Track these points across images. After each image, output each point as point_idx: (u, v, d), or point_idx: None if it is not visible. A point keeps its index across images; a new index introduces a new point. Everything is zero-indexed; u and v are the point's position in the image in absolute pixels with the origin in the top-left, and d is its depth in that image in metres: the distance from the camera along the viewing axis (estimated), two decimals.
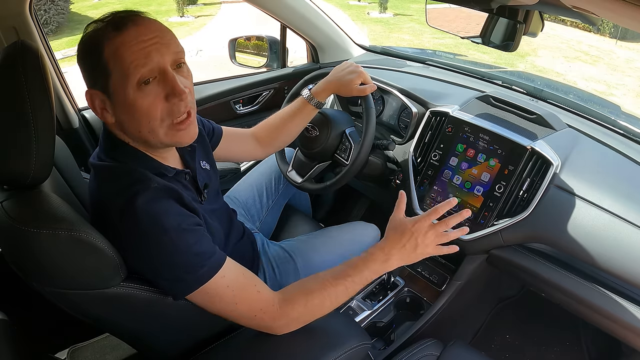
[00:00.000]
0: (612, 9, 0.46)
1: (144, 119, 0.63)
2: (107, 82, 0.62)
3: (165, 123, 0.64)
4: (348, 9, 10.12)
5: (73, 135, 1.25)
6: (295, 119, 1.05)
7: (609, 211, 0.87)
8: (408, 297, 1.24)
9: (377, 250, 0.75)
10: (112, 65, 0.60)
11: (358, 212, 1.74)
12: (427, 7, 1.11)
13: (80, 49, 0.64)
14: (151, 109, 0.62)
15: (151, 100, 0.62)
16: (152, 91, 0.62)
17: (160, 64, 0.61)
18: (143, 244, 0.62)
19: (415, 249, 0.74)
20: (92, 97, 0.64)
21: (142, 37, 0.60)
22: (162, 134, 0.65)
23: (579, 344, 1.31)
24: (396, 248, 0.74)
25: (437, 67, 1.51)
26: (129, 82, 0.60)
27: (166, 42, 0.63)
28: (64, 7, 8.39)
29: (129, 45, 0.60)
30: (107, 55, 0.60)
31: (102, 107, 0.65)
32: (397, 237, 0.75)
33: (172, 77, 0.62)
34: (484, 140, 1.03)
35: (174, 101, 0.63)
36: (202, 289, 0.64)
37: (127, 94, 0.61)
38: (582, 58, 7.65)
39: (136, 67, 0.60)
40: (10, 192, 0.62)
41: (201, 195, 0.78)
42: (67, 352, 1.12)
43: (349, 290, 0.73)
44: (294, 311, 0.70)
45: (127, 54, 0.60)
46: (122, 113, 0.64)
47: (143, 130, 0.64)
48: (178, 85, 0.62)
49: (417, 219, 0.75)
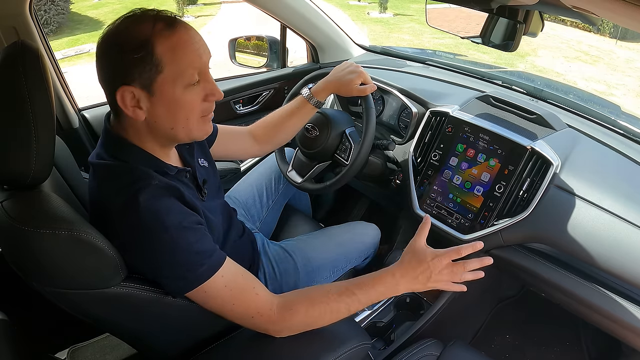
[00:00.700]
0: (612, 9, 0.46)
1: (183, 116, 0.66)
2: (153, 78, 0.61)
3: (198, 118, 0.68)
4: (348, 9, 10.12)
5: (73, 135, 1.25)
6: (294, 118, 1.05)
7: (609, 211, 0.87)
8: (408, 297, 1.24)
9: (388, 274, 0.74)
10: (166, 62, 0.61)
11: (358, 212, 1.74)
12: (427, 7, 1.11)
13: (117, 42, 0.61)
14: (193, 107, 0.66)
15: (194, 98, 0.65)
16: (196, 91, 0.65)
17: (205, 67, 0.66)
18: (144, 241, 0.62)
19: (427, 281, 0.73)
20: (124, 93, 0.62)
21: (193, 39, 0.64)
22: (195, 128, 0.68)
23: (579, 344, 1.31)
24: (408, 276, 0.73)
25: (437, 67, 1.51)
26: (181, 82, 0.63)
27: (206, 45, 0.66)
28: (64, 7, 8.40)
29: (185, 45, 0.62)
30: (160, 51, 0.60)
31: (134, 105, 0.63)
32: (413, 267, 0.73)
33: (212, 80, 0.67)
34: (484, 140, 1.03)
35: (211, 100, 0.68)
36: (201, 288, 0.64)
37: (175, 92, 0.63)
38: (582, 58, 7.65)
39: (193, 68, 0.63)
40: (10, 192, 0.62)
41: (201, 192, 0.78)
42: (67, 352, 1.12)
43: (351, 308, 0.73)
44: (292, 319, 0.70)
45: (184, 53, 0.62)
46: (161, 109, 0.64)
47: (177, 126, 0.66)
48: (217, 87, 0.67)
49: (437, 253, 0.73)
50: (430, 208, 1.10)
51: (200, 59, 0.64)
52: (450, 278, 0.74)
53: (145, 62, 0.60)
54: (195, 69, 0.63)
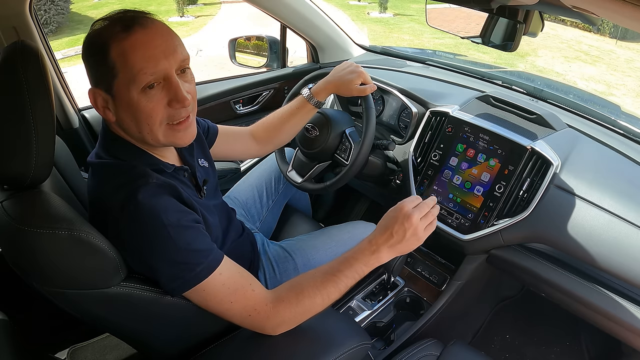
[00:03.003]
0: (612, 9, 0.46)
1: (144, 121, 0.64)
2: (111, 82, 0.62)
3: (163, 125, 0.65)
4: (348, 9, 10.12)
5: (73, 135, 1.25)
6: (294, 118, 1.05)
7: (608, 211, 0.87)
8: (408, 297, 1.24)
9: (365, 242, 0.74)
10: (118, 67, 0.60)
11: (358, 212, 1.74)
12: (427, 7, 1.11)
13: (85, 46, 0.63)
14: (153, 113, 0.63)
15: (154, 104, 0.63)
16: (155, 96, 0.63)
17: (167, 71, 0.62)
18: (142, 240, 0.62)
19: (404, 236, 0.72)
20: (94, 95, 0.64)
21: (150, 42, 0.61)
22: (160, 135, 0.66)
23: (579, 344, 1.31)
24: (383, 237, 0.72)
25: (437, 67, 1.51)
26: (135, 86, 0.61)
27: (173, 48, 0.63)
28: (64, 7, 8.39)
29: (137, 49, 0.60)
30: (113, 56, 0.60)
31: (104, 106, 0.65)
32: (384, 227, 0.73)
33: (176, 85, 0.63)
34: (484, 140, 1.03)
35: (176, 107, 0.64)
36: (199, 287, 0.64)
37: (131, 97, 0.62)
38: (582, 58, 7.65)
39: (144, 73, 0.60)
40: (10, 192, 0.62)
41: (200, 192, 0.78)
42: (67, 352, 1.12)
43: (340, 286, 0.72)
44: (286, 310, 0.70)
45: (135, 58, 0.60)
46: (123, 113, 0.64)
47: (143, 131, 0.65)
48: (181, 93, 0.63)
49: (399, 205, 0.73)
50: None
51: (157, 63, 0.61)
52: (424, 221, 0.72)
53: (101, 65, 0.61)
54: (150, 73, 0.60)
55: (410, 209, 0.72)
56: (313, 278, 0.72)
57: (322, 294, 0.71)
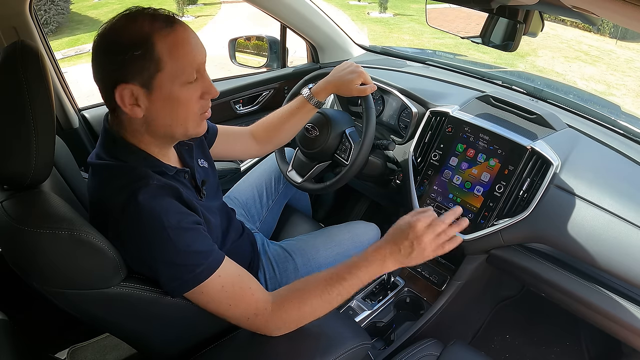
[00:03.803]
0: (612, 9, 0.46)
1: (182, 113, 0.66)
2: (153, 76, 0.61)
3: (197, 115, 0.69)
4: (348, 9, 10.12)
5: (73, 135, 1.25)
6: (294, 118, 1.05)
7: (608, 211, 0.87)
8: (408, 297, 1.24)
9: (373, 251, 0.73)
10: (166, 60, 0.61)
11: (358, 212, 1.74)
12: (427, 7, 1.11)
13: (115, 41, 0.61)
14: (190, 105, 0.66)
15: (191, 96, 0.66)
16: (193, 89, 0.66)
17: (202, 65, 0.67)
18: (142, 241, 0.62)
19: (412, 252, 0.71)
20: (122, 91, 0.62)
21: (190, 39, 0.64)
22: (191, 126, 0.69)
23: (579, 344, 1.31)
24: (390, 250, 0.72)
25: (437, 67, 1.51)
26: (179, 80, 0.63)
27: (201, 43, 0.67)
28: (64, 7, 8.40)
29: (183, 45, 0.63)
30: (160, 49, 0.61)
31: (131, 103, 0.63)
32: (395, 240, 0.72)
33: (209, 79, 0.68)
34: (484, 140, 1.03)
35: (208, 98, 0.69)
36: (198, 288, 0.64)
37: (173, 90, 0.63)
38: (582, 58, 7.65)
39: (192, 66, 0.64)
40: (10, 192, 0.62)
41: (200, 193, 0.78)
42: (67, 352, 1.12)
43: (343, 294, 0.71)
44: (286, 315, 0.70)
45: (181, 53, 0.62)
46: (160, 107, 0.64)
47: (175, 123, 0.67)
48: (214, 87, 0.68)
49: (413, 221, 0.72)
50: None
51: (196, 58, 0.65)
52: (436, 241, 0.72)
53: (145, 60, 0.60)
54: (193, 67, 0.64)
55: (422, 228, 0.71)
56: (315, 284, 0.71)
57: (324, 301, 0.71)
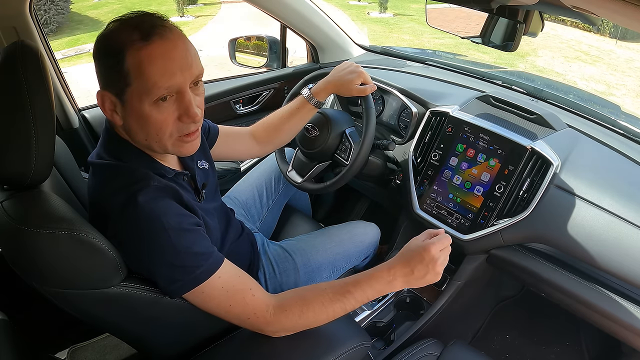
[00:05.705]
0: (612, 9, 0.46)
1: (153, 132, 0.63)
2: (123, 89, 0.60)
3: (173, 137, 0.65)
4: (348, 9, 10.12)
5: (73, 135, 1.25)
6: (294, 118, 1.05)
7: (608, 211, 0.87)
8: (408, 297, 1.24)
9: (384, 270, 0.72)
10: (133, 76, 0.59)
11: (358, 212, 1.74)
12: (427, 7, 1.11)
13: (99, 46, 0.61)
14: (163, 125, 0.63)
15: (165, 117, 0.62)
16: (167, 109, 0.62)
17: (181, 85, 0.61)
18: (142, 242, 0.62)
19: (426, 274, 0.71)
20: (103, 97, 0.63)
21: (168, 55, 0.59)
22: (169, 146, 0.66)
23: (579, 344, 1.31)
24: (403, 271, 0.71)
25: (437, 67, 1.51)
26: (147, 98, 0.60)
27: (189, 62, 0.62)
28: (64, 7, 8.39)
29: (154, 62, 0.58)
30: (129, 64, 0.58)
31: (111, 109, 0.64)
32: (406, 261, 0.72)
33: (189, 101, 0.62)
34: (484, 140, 1.03)
35: (187, 122, 0.64)
36: (198, 289, 0.64)
37: (142, 108, 0.61)
38: (582, 58, 7.65)
39: (158, 87, 0.59)
40: (10, 192, 0.62)
41: (199, 195, 0.78)
42: (67, 352, 1.12)
43: (347, 307, 0.71)
44: (287, 320, 0.70)
45: (151, 70, 0.58)
46: (132, 121, 0.63)
47: (150, 140, 0.65)
48: (193, 109, 0.62)
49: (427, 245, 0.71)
50: (430, 208, 1.10)
51: (173, 77, 0.59)
52: (443, 266, 0.72)
53: (114, 71, 0.59)
54: (165, 87, 0.59)
55: (438, 252, 0.71)
56: (321, 295, 0.71)
57: (328, 312, 0.70)
